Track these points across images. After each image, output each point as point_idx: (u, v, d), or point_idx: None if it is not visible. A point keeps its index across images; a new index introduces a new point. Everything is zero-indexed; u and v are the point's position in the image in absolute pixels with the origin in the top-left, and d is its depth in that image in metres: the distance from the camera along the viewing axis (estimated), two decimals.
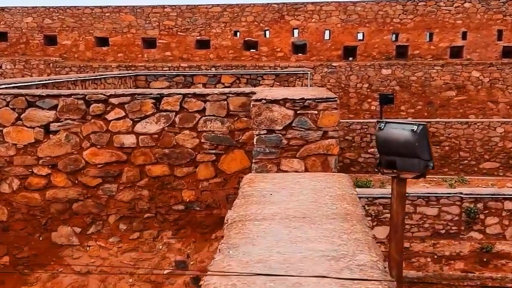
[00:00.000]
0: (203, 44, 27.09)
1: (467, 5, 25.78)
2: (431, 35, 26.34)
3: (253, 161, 5.63)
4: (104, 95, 6.49)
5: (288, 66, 25.09)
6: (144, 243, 6.57)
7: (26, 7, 27.02)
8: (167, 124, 6.49)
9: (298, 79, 16.03)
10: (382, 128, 5.87)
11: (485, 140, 20.86)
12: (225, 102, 6.48)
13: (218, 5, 26.74)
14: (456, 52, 26.20)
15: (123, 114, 6.49)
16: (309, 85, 16.17)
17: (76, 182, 6.58)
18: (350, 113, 25.11)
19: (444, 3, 25.78)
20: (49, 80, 10.65)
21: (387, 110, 24.25)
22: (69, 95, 6.49)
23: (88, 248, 6.57)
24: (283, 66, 25.07)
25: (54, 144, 6.51)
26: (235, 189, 6.52)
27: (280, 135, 5.59)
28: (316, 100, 5.56)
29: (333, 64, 25.82)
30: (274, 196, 3.48)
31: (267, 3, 26.55)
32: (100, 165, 6.54)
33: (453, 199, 15.05)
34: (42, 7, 27.15)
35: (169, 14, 26.83)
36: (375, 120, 22.27)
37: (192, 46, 27.00)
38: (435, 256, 15.23)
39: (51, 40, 27.44)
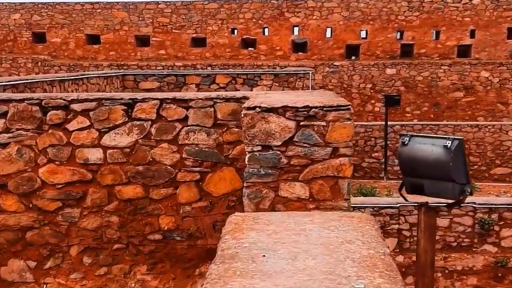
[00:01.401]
0: (198, 42, 25.93)
1: (475, 1, 24.67)
2: (437, 33, 25.24)
3: (245, 185, 4.46)
4: (64, 100, 5.32)
5: (287, 65, 23.95)
6: (113, 280, 5.39)
7: (14, 3, 25.87)
8: (141, 136, 5.32)
9: (298, 80, 14.89)
10: (406, 143, 4.70)
11: (497, 144, 19.74)
12: (212, 109, 5.30)
13: (214, 1, 25.61)
14: (464, 51, 25.09)
15: (88, 123, 5.32)
16: (310, 86, 15.01)
17: (30, 206, 5.41)
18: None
19: None
20: (20, 80, 9.47)
21: (391, 112, 23.07)
22: (22, 100, 5.31)
23: (45, 286, 5.39)
24: (282, 66, 23.93)
25: (3, 159, 5.33)
26: (223, 215, 5.35)
27: (279, 152, 4.43)
28: (324, 109, 4.39)
29: (335, 63, 24.71)
30: (269, 259, 2.31)
31: None
32: (60, 186, 5.37)
33: (465, 209, 14.14)
34: (31, 3, 26.00)
35: (163, 10, 25.69)
36: (379, 123, 21.14)
37: (187, 44, 25.85)
38: (446, 271, 14.38)
39: (39, 38, 26.29)
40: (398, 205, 14.26)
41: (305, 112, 4.40)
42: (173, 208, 5.38)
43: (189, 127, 5.31)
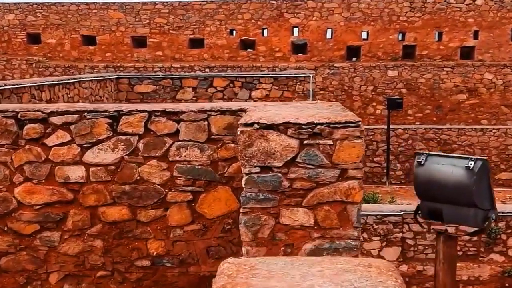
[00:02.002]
0: (196, 43, 25.41)
1: (479, 2, 24.16)
2: (440, 34, 24.70)
3: (241, 210, 3.96)
4: (42, 112, 4.81)
5: (287, 67, 23.45)
6: None
7: (8, 3, 25.33)
8: (128, 152, 4.83)
9: (299, 83, 14.39)
10: (422, 163, 4.20)
11: (502, 149, 19.25)
12: (205, 122, 4.81)
13: (212, 1, 25.07)
14: (467, 52, 24.59)
15: (69, 138, 4.83)
16: (311, 90, 14.52)
17: (5, 229, 4.90)
18: None
19: (454, 0, 24.15)
20: (5, 85, 8.95)
21: (393, 115, 22.57)
22: None
23: None
24: (281, 67, 23.43)
25: None
26: (218, 239, 4.86)
27: (280, 174, 3.93)
28: (331, 126, 3.89)
29: (336, 65, 24.19)
30: None
31: (265, 0, 24.88)
32: (38, 207, 4.87)
33: None
34: (25, 3, 25.45)
35: (160, 11, 25.15)
36: (381, 126, 20.65)
37: (185, 45, 25.33)
38: None
39: (34, 39, 25.74)
40: (402, 212, 13.82)
41: (309, 130, 3.91)
42: (162, 231, 4.88)
43: (180, 143, 4.82)
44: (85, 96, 12.32)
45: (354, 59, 25.50)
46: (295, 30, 25.42)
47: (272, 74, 15.31)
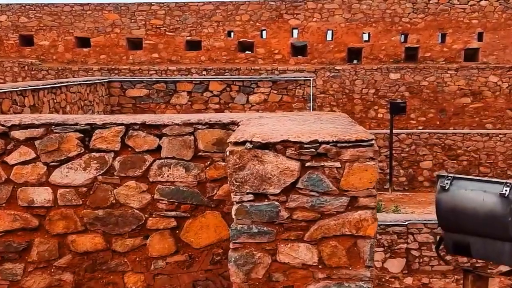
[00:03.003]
0: (193, 45, 24.77)
1: (483, 3, 23.55)
2: (443, 36, 24.10)
3: (231, 246, 3.32)
4: (2, 125, 4.16)
5: (286, 69, 22.82)
6: None
7: (0, 4, 24.68)
8: (101, 172, 4.18)
9: (298, 87, 13.76)
10: (446, 188, 3.54)
11: (508, 154, 18.60)
12: (192, 137, 4.16)
13: (210, 2, 24.43)
14: (471, 54, 23.97)
15: (33, 155, 4.17)
16: (311, 94, 13.87)
17: None
18: (355, 121, 22.74)
19: (458, 1, 23.57)
20: None
21: (395, 119, 21.94)
22: None
23: None
24: (281, 70, 22.80)
25: None
26: (206, 272, 4.20)
27: (277, 203, 3.28)
28: (339, 145, 3.24)
29: (336, 67, 23.56)
30: None
31: (264, 0, 24.26)
32: None
33: None
34: (18, 4, 24.81)
35: (156, 12, 24.52)
36: (384, 131, 20.00)
37: (181, 47, 24.68)
38: None
39: (27, 41, 25.10)
40: (407, 222, 13.24)
41: (313, 149, 3.25)
42: (142, 263, 4.23)
43: (162, 160, 4.18)
44: (73, 101, 11.68)
45: (355, 61, 24.89)
46: (295, 31, 24.81)
47: (271, 77, 14.65)
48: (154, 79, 14.05)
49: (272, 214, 3.27)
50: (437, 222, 3.96)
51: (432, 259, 13.26)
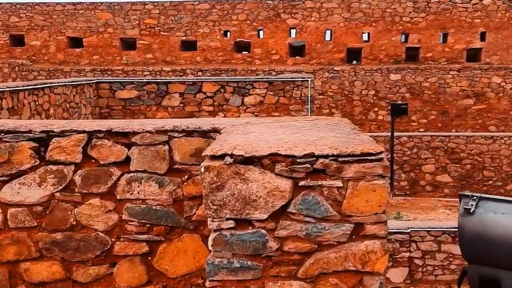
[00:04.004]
0: (189, 46, 24.12)
1: (486, 2, 22.93)
2: (445, 35, 23.46)
3: (207, 284, 2.68)
4: None
5: (284, 70, 22.20)
6: None
7: None
8: (60, 188, 3.55)
9: (296, 88, 13.14)
10: (472, 210, 2.92)
11: None
12: (166, 147, 3.53)
13: (205, 1, 23.78)
14: (473, 55, 23.35)
15: None
16: (309, 95, 13.25)
17: None
18: (354, 123, 21.99)
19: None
20: None
21: (396, 121, 21.34)
22: None
23: None
24: (278, 70, 22.18)
25: None
26: None
27: (264, 231, 2.65)
28: (341, 159, 2.61)
29: (335, 68, 22.93)
30: None
31: None
32: None
33: None
34: (8, 3, 24.14)
35: (150, 11, 23.86)
36: (384, 134, 19.38)
37: (176, 47, 24.03)
38: None
39: (18, 41, 24.43)
40: (409, 230, 12.73)
41: (308, 165, 2.62)
42: None
43: (132, 174, 3.55)
44: (57, 103, 11.04)
45: (354, 62, 24.27)
46: (293, 31, 24.18)
47: (267, 78, 14.03)
48: (145, 80, 13.41)
49: (258, 245, 2.65)
50: (460, 251, 3.33)
51: (436, 268, 12.74)
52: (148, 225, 3.56)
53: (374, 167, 2.62)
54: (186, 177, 3.54)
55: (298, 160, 2.62)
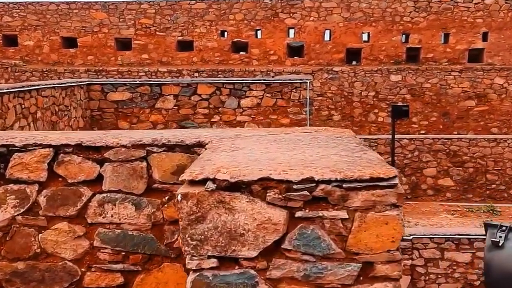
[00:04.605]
0: (185, 46, 23.67)
1: (488, 1, 22.49)
2: (446, 36, 23.02)
3: None
4: None
5: (282, 71, 21.76)
6: None
7: None
8: (22, 210, 3.10)
9: (294, 90, 12.72)
10: (500, 243, 2.48)
11: None
12: (144, 163, 3.08)
13: (202, 1, 23.33)
14: (475, 55, 22.93)
15: None
16: (308, 97, 12.81)
17: None
18: (354, 125, 21.72)
19: None
20: None
21: (396, 123, 20.91)
22: None
23: None
24: (276, 71, 21.73)
25: None
26: None
27: (253, 271, 2.20)
28: (345, 185, 2.16)
29: (335, 69, 22.48)
30: None
31: None
32: None
33: None
34: (0, 2, 23.69)
35: (146, 11, 23.40)
36: (385, 136, 18.94)
37: (172, 47, 23.57)
38: None
39: (10, 41, 23.95)
40: (411, 237, 12.39)
41: (306, 192, 2.17)
42: None
43: (105, 195, 3.09)
44: (45, 106, 10.58)
45: (354, 62, 23.82)
46: (291, 31, 23.74)
47: (264, 80, 13.60)
48: (138, 82, 12.97)
49: None
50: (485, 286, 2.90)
51: (439, 276, 12.43)
52: (123, 253, 3.11)
53: (386, 195, 2.18)
54: (166, 198, 3.09)
55: (294, 187, 2.17)
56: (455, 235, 12.49)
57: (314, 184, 2.16)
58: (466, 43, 22.83)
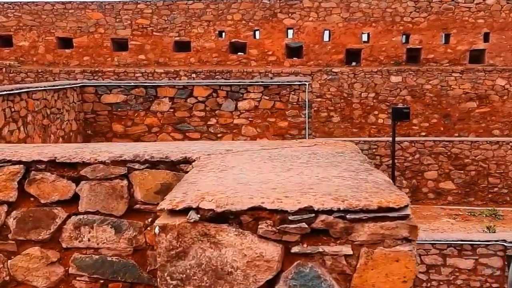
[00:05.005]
0: (182, 46, 23.42)
1: (489, 1, 22.30)
2: (447, 36, 22.88)
3: None
4: None
5: (281, 72, 21.51)
6: None
7: None
8: None
9: (293, 92, 12.42)
10: None
11: None
12: (125, 182, 2.78)
13: (200, 0, 23.06)
14: (476, 56, 22.73)
15: None
16: (306, 100, 12.52)
17: None
18: (353, 127, 21.49)
19: None
20: None
21: (396, 124, 20.67)
22: None
23: None
24: (275, 72, 21.47)
25: None
26: None
27: None
28: (350, 216, 1.86)
29: (334, 70, 22.27)
30: None
31: None
32: None
33: (493, 248, 12.46)
34: None
35: (143, 11, 23.15)
36: (385, 139, 18.67)
37: (169, 48, 23.31)
38: None
39: (5, 41, 23.73)
40: None
41: (304, 224, 1.88)
42: None
43: (81, 217, 2.80)
44: (36, 109, 10.26)
45: (354, 63, 23.69)
46: (290, 32, 23.56)
47: (262, 82, 13.29)
48: (132, 84, 12.67)
49: None
50: None
51: (441, 283, 12.24)
52: (101, 281, 2.81)
53: (396, 228, 1.88)
54: (150, 220, 2.79)
55: (290, 217, 1.87)
56: (457, 241, 12.30)
57: (313, 215, 1.87)
58: (467, 43, 22.62)
